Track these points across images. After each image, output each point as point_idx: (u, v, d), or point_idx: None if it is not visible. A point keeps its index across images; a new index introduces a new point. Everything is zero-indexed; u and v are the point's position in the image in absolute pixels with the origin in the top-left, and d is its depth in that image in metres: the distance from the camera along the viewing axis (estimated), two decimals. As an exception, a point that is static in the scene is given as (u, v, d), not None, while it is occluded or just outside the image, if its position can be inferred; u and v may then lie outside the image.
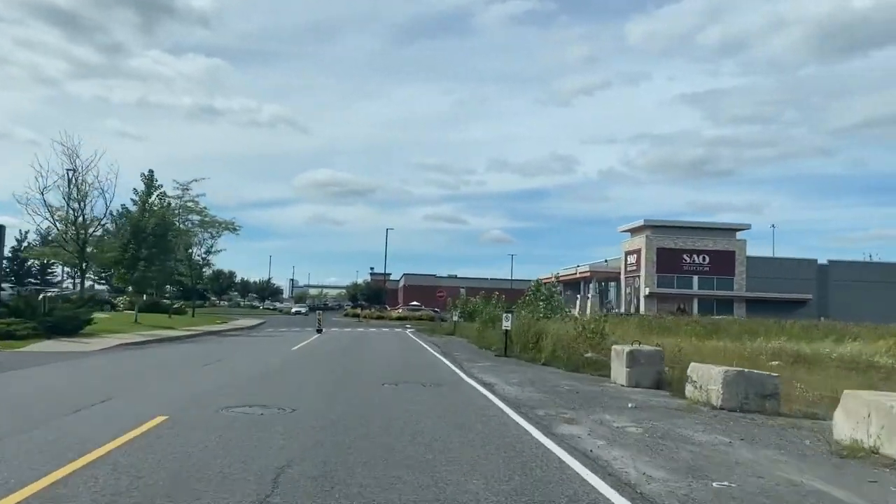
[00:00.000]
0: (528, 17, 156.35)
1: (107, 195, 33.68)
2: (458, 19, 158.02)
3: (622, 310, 64.38)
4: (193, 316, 47.25)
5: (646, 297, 61.14)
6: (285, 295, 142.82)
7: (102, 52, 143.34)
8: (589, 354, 16.77)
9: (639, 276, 63.14)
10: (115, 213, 35.31)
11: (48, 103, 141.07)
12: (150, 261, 33.28)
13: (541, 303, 22.48)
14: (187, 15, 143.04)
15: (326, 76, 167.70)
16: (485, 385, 13.09)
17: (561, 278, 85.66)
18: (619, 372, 13.69)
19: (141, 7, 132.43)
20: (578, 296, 71.42)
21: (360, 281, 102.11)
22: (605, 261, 72.35)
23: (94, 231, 33.73)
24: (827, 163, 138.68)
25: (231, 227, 47.45)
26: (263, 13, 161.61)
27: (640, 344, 14.64)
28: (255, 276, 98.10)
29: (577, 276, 71.51)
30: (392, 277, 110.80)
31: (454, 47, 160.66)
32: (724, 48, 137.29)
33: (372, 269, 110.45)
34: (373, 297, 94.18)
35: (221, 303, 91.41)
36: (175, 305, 48.82)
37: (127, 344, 22.52)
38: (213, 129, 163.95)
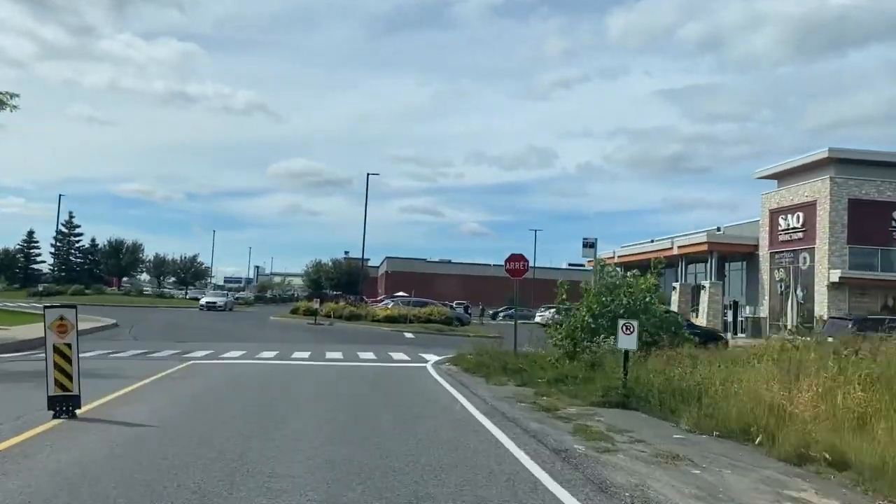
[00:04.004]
0: (507, 8, 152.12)
1: None
2: (437, 10, 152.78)
3: (791, 310, 37.60)
4: None
5: (831, 285, 34.24)
6: (252, 283, 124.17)
7: (72, 33, 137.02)
8: None
9: (809, 250, 36.21)
10: None
11: (14, 85, 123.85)
12: None
13: None
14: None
15: (302, 65, 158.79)
16: None
17: (625, 259, 58.75)
18: None
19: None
20: (675, 285, 44.58)
21: (326, 260, 73.69)
22: (719, 228, 45.37)
23: None
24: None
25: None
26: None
27: None
28: (175, 254, 69.10)
29: (675, 252, 44.39)
30: (370, 264, 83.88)
31: (432, 39, 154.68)
32: (702, 44, 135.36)
33: (346, 252, 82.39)
34: (345, 284, 66.63)
35: (119, 288, 63.10)
36: None
37: None
38: (185, 116, 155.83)
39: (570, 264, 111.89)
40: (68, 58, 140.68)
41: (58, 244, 63.33)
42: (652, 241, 53.01)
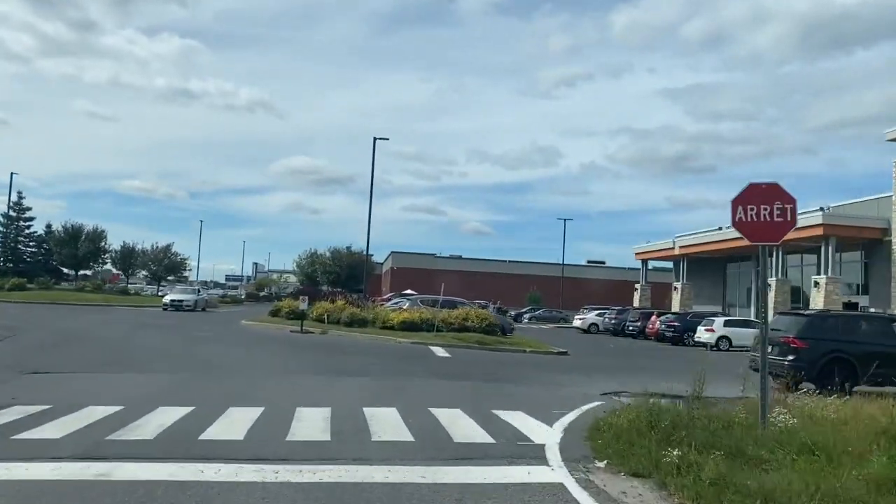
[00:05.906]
0: (509, 5, 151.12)
1: None
2: (439, 7, 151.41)
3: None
4: None
5: None
6: (251, 280, 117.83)
7: (73, 28, 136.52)
8: None
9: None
10: None
11: (14, 80, 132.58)
12: None
13: None
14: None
15: (305, 62, 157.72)
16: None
17: (688, 250, 48.97)
18: None
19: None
20: (770, 281, 34.80)
21: (323, 250, 63.43)
22: (824, 209, 35.35)
23: None
24: (808, 161, 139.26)
25: None
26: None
27: None
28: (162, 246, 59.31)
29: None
30: (373, 260, 74.44)
31: (435, 36, 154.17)
32: (706, 42, 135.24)
33: (349, 247, 72.49)
34: (346, 279, 56.84)
35: (115, 283, 53.00)
36: None
37: None
38: (187, 112, 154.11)
39: (588, 261, 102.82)
40: (69, 53, 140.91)
41: (4, 230, 53.43)
42: (720, 229, 43.40)
